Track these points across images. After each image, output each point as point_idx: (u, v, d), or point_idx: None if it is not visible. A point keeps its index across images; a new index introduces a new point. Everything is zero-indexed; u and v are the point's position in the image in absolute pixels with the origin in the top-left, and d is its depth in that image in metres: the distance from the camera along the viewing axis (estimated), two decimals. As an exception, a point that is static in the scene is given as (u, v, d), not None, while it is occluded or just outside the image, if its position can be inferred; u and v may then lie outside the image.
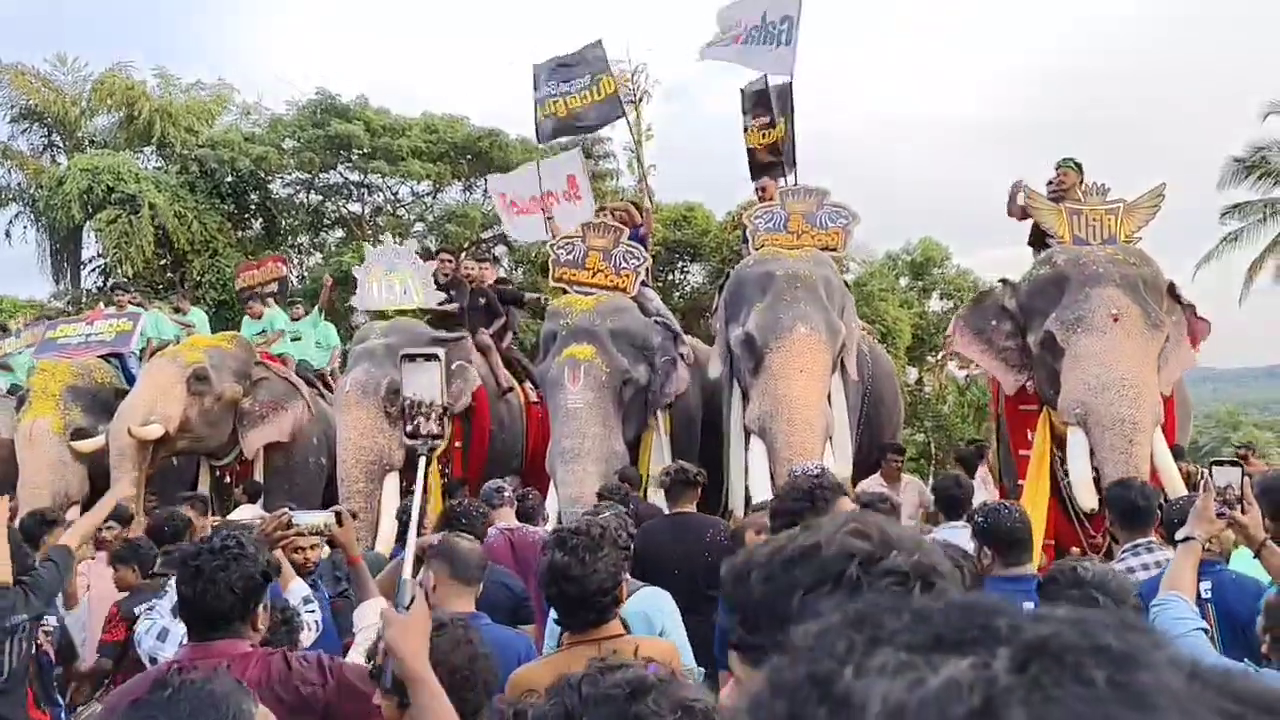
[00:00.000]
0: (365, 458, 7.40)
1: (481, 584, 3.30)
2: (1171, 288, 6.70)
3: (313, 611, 3.34)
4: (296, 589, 3.21)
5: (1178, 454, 6.50)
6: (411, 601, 1.77)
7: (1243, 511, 2.81)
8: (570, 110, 9.95)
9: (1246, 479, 2.87)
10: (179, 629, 3.10)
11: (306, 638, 3.19)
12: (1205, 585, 2.93)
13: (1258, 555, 2.86)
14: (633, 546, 4.63)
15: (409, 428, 1.83)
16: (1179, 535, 2.79)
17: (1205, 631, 2.52)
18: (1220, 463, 2.97)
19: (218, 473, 8.53)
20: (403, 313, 8.94)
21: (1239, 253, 25.45)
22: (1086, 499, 6.02)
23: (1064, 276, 6.47)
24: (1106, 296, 6.19)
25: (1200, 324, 6.71)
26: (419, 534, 1.92)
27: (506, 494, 5.29)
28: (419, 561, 3.69)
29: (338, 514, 3.33)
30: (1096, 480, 5.92)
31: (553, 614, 2.92)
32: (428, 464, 1.96)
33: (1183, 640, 2.44)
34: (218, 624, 2.25)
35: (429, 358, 1.87)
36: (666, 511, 5.14)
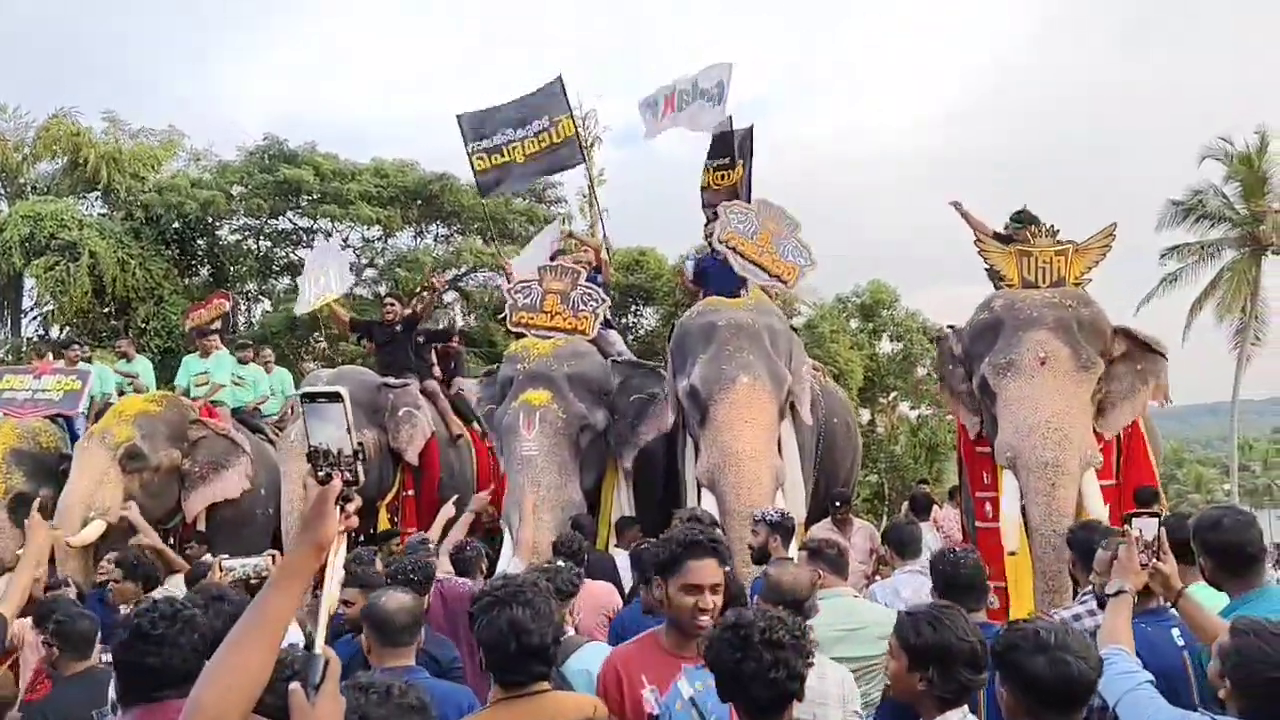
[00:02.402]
0: None
1: (418, 638, 3.23)
2: (1128, 331, 6.71)
3: None
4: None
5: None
6: (322, 680, 1.48)
7: (1159, 560, 2.84)
8: (528, 155, 9.55)
9: (1162, 529, 2.92)
10: None
11: None
12: (1177, 632, 2.91)
13: (1174, 605, 2.87)
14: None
15: (319, 477, 1.58)
16: (1109, 589, 2.81)
17: (1152, 683, 2.49)
18: (1139, 514, 3.02)
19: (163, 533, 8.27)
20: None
21: (1178, 293, 26.15)
22: (1009, 540, 6.05)
23: (999, 320, 6.54)
24: (1036, 340, 6.25)
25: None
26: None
27: (432, 545, 5.20)
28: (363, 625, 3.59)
29: (273, 556, 3.73)
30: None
31: None
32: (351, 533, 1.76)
33: (1135, 693, 2.43)
34: (175, 687, 2.20)
35: (332, 398, 1.58)
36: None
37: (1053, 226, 7.01)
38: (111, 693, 3.48)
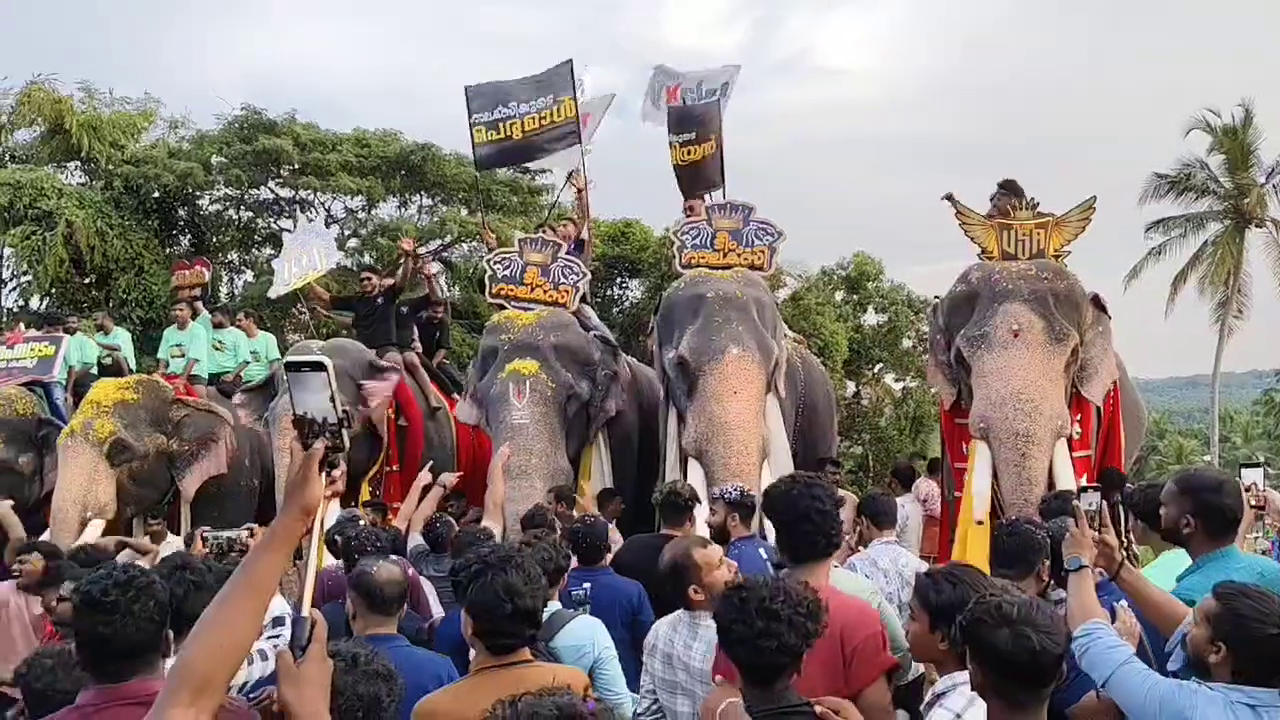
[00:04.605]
0: None
1: (403, 607, 3.26)
2: (1096, 299, 6.81)
3: (276, 636, 3.23)
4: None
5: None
6: (309, 642, 1.55)
7: (1101, 534, 2.86)
8: (525, 132, 9.43)
9: (1104, 502, 2.97)
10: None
11: (260, 666, 3.08)
12: (1125, 604, 2.93)
13: (1114, 578, 2.89)
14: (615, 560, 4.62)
15: (306, 444, 1.62)
16: (1069, 564, 2.80)
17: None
18: (1085, 489, 3.10)
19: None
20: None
21: (1163, 267, 26.28)
22: (978, 510, 6.10)
23: (975, 293, 6.65)
24: (1010, 312, 6.32)
25: None
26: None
27: (362, 523, 5.17)
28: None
29: (250, 529, 3.96)
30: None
31: None
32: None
33: (1126, 668, 2.40)
34: (134, 660, 2.14)
35: (315, 366, 1.61)
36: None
37: (1032, 199, 7.03)
38: None
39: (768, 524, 5.15)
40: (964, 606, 2.28)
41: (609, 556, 4.59)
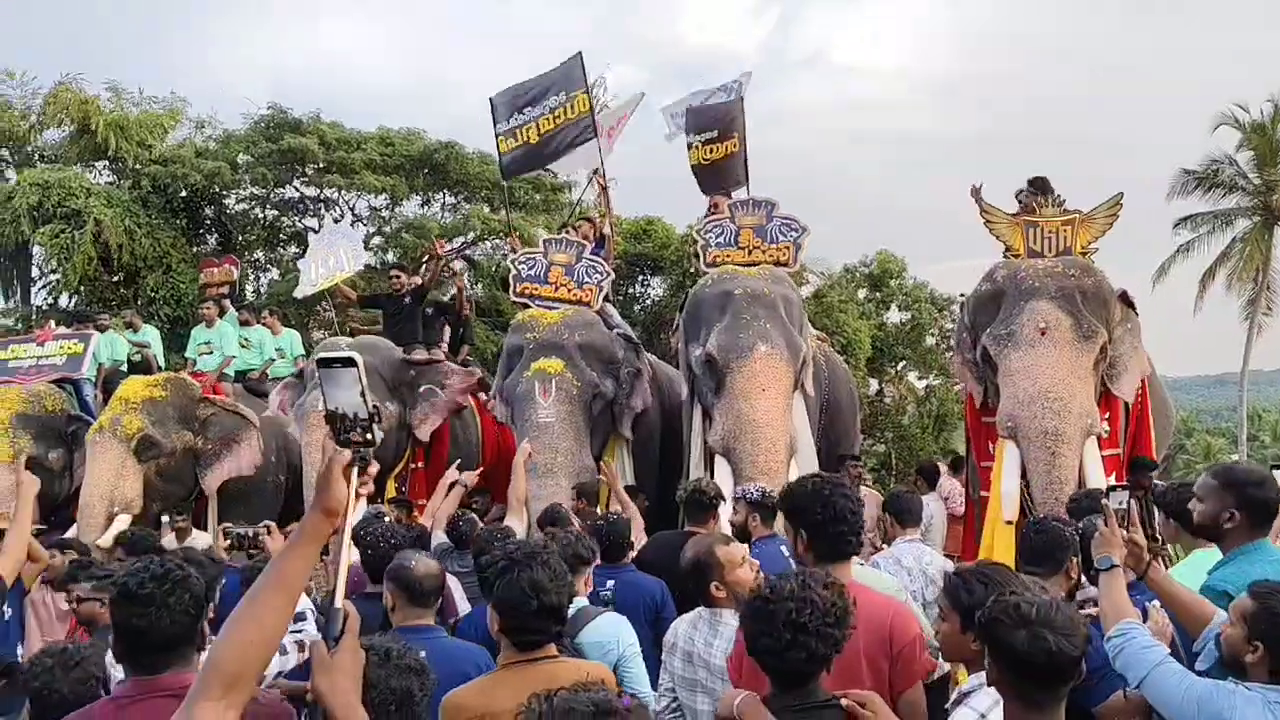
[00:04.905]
0: None
1: (439, 598, 3.31)
2: (1124, 296, 6.77)
3: (298, 631, 3.27)
4: None
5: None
6: (342, 634, 1.57)
7: (1129, 533, 2.83)
8: (542, 134, 9.45)
9: (1133, 501, 2.95)
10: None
11: (278, 661, 3.12)
12: (1157, 604, 2.91)
13: (1142, 577, 2.86)
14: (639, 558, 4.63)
15: (338, 439, 1.63)
16: (1099, 564, 2.78)
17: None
18: (1114, 488, 3.07)
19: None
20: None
21: (1191, 264, 26.00)
22: (1007, 510, 6.07)
23: (1001, 291, 6.61)
24: (1037, 310, 6.28)
25: None
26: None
27: (387, 519, 5.20)
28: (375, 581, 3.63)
29: (268, 526, 4.20)
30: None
31: None
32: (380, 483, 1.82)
33: (1162, 668, 2.39)
34: (170, 652, 2.16)
35: (346, 363, 1.62)
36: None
37: (1059, 197, 6.98)
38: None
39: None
40: None
41: (632, 554, 4.60)
